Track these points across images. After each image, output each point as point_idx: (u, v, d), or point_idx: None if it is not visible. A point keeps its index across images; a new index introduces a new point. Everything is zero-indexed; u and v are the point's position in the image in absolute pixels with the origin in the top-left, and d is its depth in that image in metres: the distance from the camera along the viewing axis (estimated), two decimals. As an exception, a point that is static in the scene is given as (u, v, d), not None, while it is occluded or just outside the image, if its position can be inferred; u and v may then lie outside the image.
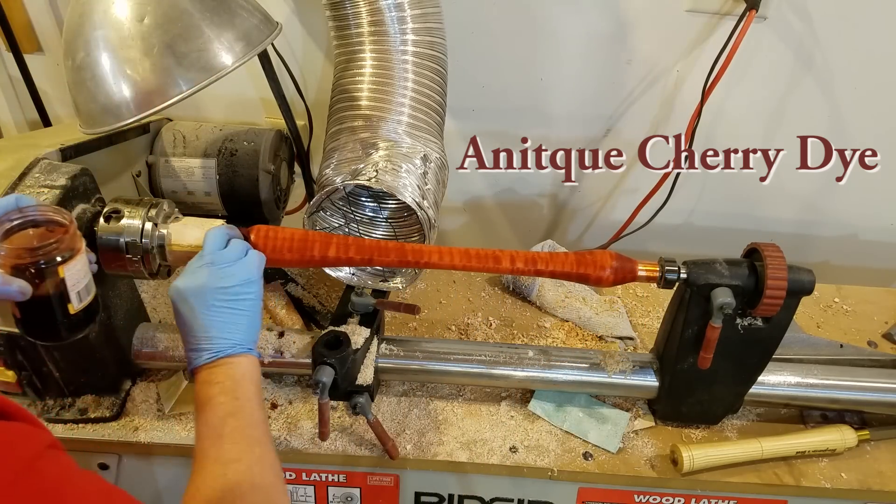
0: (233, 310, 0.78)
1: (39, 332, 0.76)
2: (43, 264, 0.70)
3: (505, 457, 1.01)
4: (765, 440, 1.01)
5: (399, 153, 1.03)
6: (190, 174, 1.22)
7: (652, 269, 0.92)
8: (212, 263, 0.79)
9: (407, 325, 1.23)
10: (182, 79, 0.91)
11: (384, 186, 0.96)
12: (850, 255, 1.63)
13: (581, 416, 1.06)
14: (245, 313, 0.79)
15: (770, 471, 1.01)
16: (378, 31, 1.06)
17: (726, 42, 1.22)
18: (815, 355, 1.09)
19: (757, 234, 1.62)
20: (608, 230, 1.57)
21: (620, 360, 1.04)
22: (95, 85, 0.92)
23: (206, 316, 0.77)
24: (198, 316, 0.76)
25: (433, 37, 1.10)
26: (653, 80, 1.38)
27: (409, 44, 1.07)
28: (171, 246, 0.88)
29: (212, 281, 0.77)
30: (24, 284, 0.70)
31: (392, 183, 0.97)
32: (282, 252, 0.87)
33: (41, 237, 0.71)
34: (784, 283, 0.87)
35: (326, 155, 1.10)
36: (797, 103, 1.38)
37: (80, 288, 0.75)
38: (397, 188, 0.96)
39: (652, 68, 1.36)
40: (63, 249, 0.71)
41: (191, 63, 0.91)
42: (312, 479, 1.05)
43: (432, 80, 1.11)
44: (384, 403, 1.07)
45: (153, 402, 1.05)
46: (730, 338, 0.93)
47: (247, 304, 0.79)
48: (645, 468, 1.01)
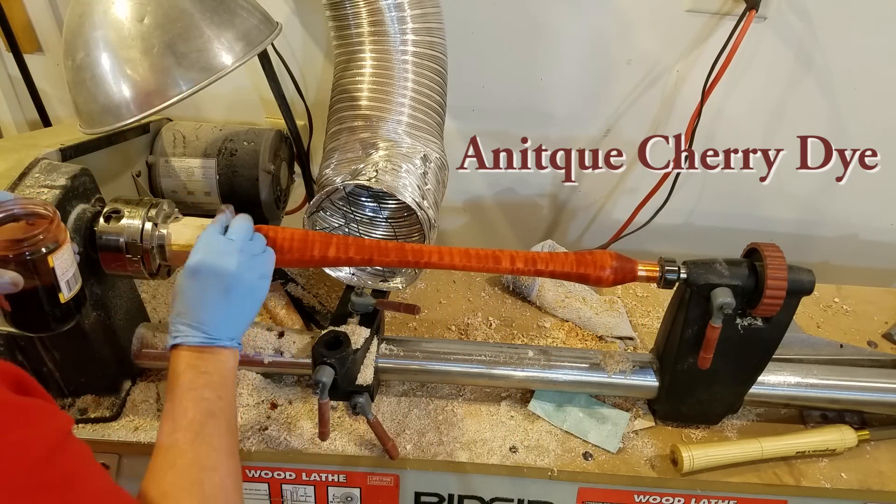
0: (242, 302, 0.77)
1: (30, 324, 0.76)
2: (29, 255, 0.70)
3: (505, 457, 1.01)
4: (765, 440, 1.01)
5: (399, 153, 1.03)
6: (190, 174, 1.22)
7: (652, 269, 0.92)
8: (241, 251, 0.78)
9: (407, 325, 1.23)
10: (182, 79, 0.91)
11: (384, 186, 0.96)
12: (850, 255, 1.63)
13: (581, 416, 1.06)
14: (250, 308, 0.79)
15: (770, 471, 1.01)
16: (378, 31, 1.06)
17: (726, 42, 1.22)
18: (815, 355, 1.09)
19: (757, 234, 1.61)
20: (608, 230, 1.57)
21: (620, 360, 1.04)
22: (95, 85, 0.92)
23: (218, 300, 0.75)
24: (210, 296, 0.75)
25: (433, 37, 1.10)
26: (653, 80, 1.38)
27: (409, 44, 1.07)
28: (171, 246, 0.88)
29: (240, 268, 0.77)
30: (16, 275, 0.70)
31: (392, 183, 0.97)
32: (282, 252, 0.87)
33: (25, 230, 0.71)
34: (784, 283, 0.87)
35: (326, 155, 1.10)
36: (797, 103, 1.38)
37: (68, 277, 0.75)
38: (397, 188, 0.96)
39: (652, 68, 1.36)
40: (49, 240, 0.71)
41: (191, 63, 0.91)
42: (312, 480, 1.05)
43: (432, 80, 1.11)
44: (384, 403, 1.07)
45: (153, 401, 1.05)
46: (730, 338, 0.93)
47: (255, 300, 0.79)
48: (645, 468, 1.01)
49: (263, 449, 1.00)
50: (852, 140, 1.40)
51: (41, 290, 0.73)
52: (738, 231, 1.61)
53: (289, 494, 1.06)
